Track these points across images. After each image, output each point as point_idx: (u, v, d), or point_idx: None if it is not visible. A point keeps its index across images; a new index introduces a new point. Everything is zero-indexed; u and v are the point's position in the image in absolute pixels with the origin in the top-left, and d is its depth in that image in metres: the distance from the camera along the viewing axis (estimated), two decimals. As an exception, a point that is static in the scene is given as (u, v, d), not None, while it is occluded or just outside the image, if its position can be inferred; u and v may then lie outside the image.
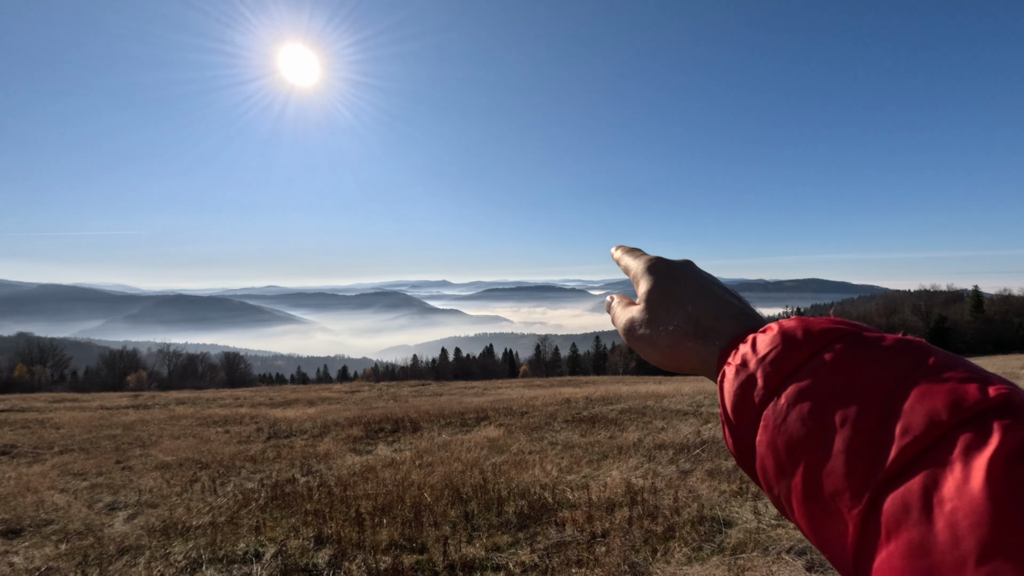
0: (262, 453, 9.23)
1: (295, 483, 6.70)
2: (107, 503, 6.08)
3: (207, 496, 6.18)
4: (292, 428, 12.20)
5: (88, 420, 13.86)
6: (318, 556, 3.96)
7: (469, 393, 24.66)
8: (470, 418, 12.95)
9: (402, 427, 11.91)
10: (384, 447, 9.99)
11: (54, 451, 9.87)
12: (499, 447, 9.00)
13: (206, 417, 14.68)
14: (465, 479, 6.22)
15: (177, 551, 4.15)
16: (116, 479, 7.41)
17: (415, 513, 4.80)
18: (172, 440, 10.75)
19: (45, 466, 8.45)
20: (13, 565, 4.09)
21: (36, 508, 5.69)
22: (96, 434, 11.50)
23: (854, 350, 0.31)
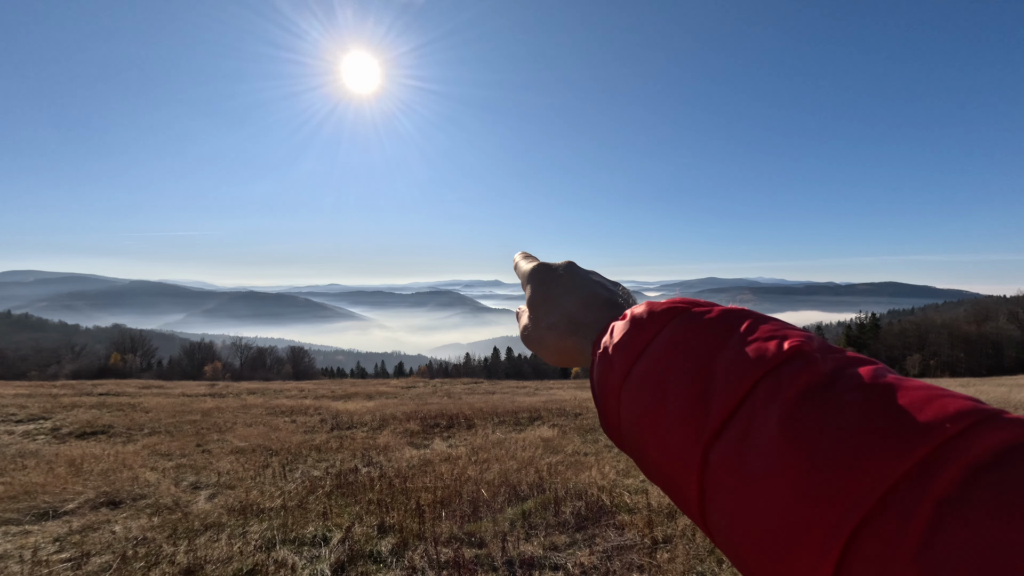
0: (326, 443, 9.66)
1: (357, 473, 6.96)
2: (191, 482, 6.57)
3: (278, 481, 6.55)
4: (353, 420, 12.70)
5: (172, 406, 15.04)
6: (381, 544, 4.09)
7: (521, 392, 24.75)
8: (523, 417, 12.98)
9: (457, 423, 12.12)
10: (440, 442, 10.20)
11: (144, 432, 10.78)
12: (553, 447, 8.96)
13: (274, 407, 15.55)
14: (521, 477, 6.24)
15: (253, 530, 4.42)
16: (197, 461, 8.00)
17: (473, 508, 4.87)
18: (245, 427, 11.46)
19: (137, 446, 9.25)
20: (115, 533, 4.50)
21: (131, 483, 6.24)
22: (179, 419, 12.45)
23: (683, 325, 0.35)
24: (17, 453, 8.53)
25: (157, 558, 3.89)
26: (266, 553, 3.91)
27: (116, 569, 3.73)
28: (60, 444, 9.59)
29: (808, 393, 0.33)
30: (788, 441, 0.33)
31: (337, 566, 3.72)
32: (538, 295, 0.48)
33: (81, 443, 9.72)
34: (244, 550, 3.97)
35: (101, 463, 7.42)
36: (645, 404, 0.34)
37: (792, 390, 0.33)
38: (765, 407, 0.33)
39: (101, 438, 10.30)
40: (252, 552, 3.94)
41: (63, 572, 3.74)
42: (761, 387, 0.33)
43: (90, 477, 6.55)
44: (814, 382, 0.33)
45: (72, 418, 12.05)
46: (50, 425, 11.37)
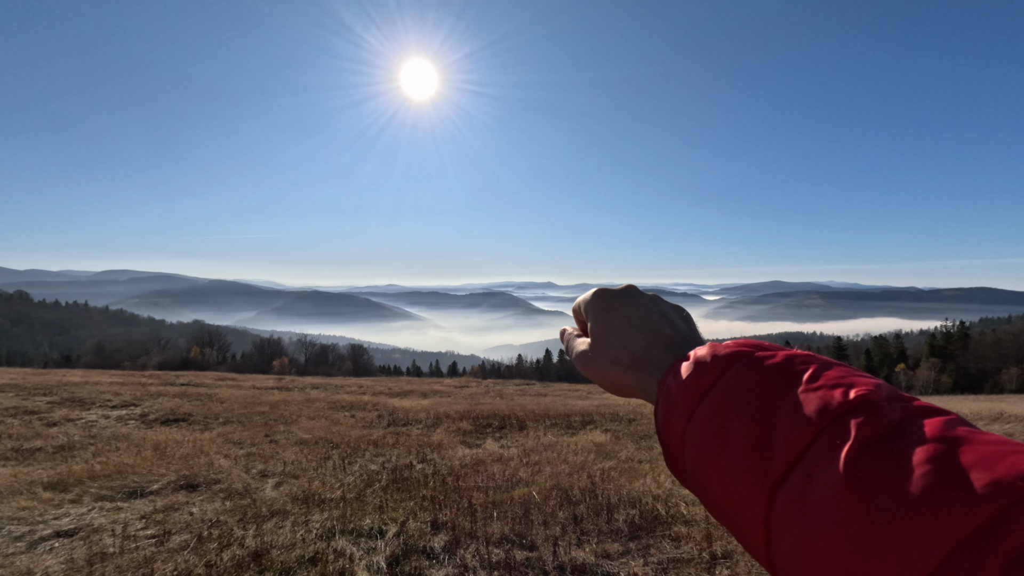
0: (383, 438, 9.98)
1: (412, 469, 7.13)
2: (259, 470, 6.98)
3: (338, 473, 6.82)
4: (408, 417, 13.04)
5: (243, 397, 16.05)
6: (434, 540, 4.16)
7: (573, 396, 24.53)
8: (575, 421, 12.85)
9: (508, 424, 12.17)
10: (492, 442, 10.27)
11: (219, 421, 11.57)
12: (606, 453, 8.80)
13: (335, 402, 16.25)
14: (573, 481, 6.17)
15: (315, 520, 4.63)
16: (265, 450, 8.48)
17: (524, 510, 4.86)
18: (308, 420, 12.04)
19: (212, 434, 9.94)
20: (192, 514, 4.85)
21: (207, 469, 6.70)
22: (249, 410, 13.27)
23: (746, 370, 0.35)
24: (111, 436, 9.40)
25: (229, 540, 4.15)
26: (326, 542, 4.07)
27: (193, 548, 4.02)
28: (147, 429, 10.48)
29: (873, 444, 0.34)
30: (852, 492, 0.34)
31: (392, 559, 3.81)
32: (600, 326, 0.47)
33: (165, 429, 10.57)
34: (306, 538, 4.16)
35: (182, 448, 8.03)
36: (708, 447, 0.35)
37: (857, 440, 0.34)
38: (829, 457, 0.34)
39: (182, 425, 11.15)
40: (313, 540, 4.12)
41: (148, 547, 4.06)
42: (825, 436, 0.34)
43: (172, 461, 7.10)
44: (880, 432, 0.34)
45: (158, 406, 13.13)
46: (139, 412, 12.44)
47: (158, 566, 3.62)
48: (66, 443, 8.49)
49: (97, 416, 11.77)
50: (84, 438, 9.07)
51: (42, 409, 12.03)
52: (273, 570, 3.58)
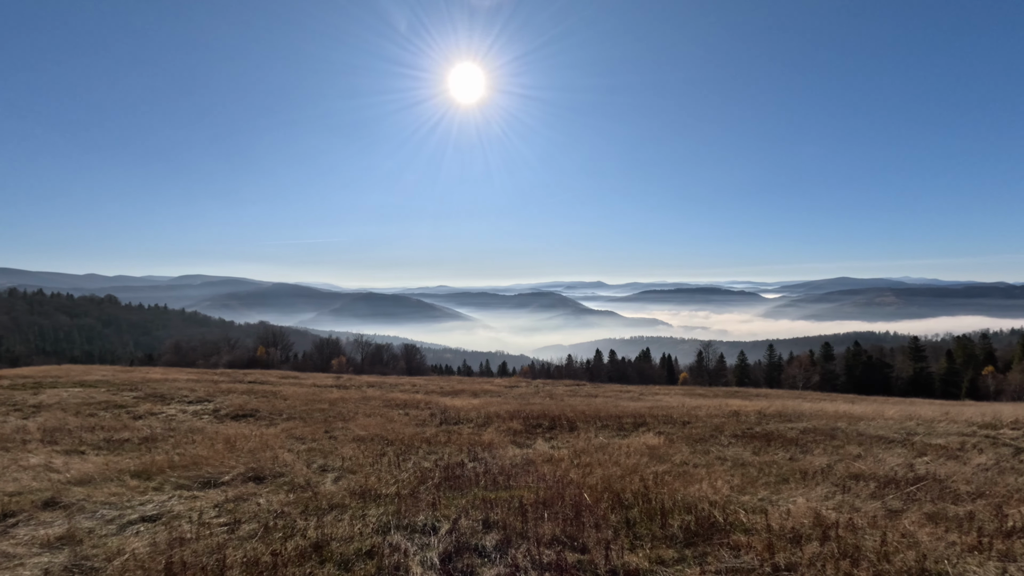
0: (435, 436, 10.18)
1: (464, 467, 7.24)
2: (319, 465, 7.30)
3: (393, 469, 7.03)
4: (460, 416, 13.25)
5: (304, 394, 16.84)
6: (486, 539, 4.20)
7: (624, 397, 24.07)
8: (627, 423, 12.61)
9: (559, 425, 12.11)
10: (542, 443, 10.25)
11: (283, 418, 12.20)
12: (659, 456, 8.58)
13: (390, 400, 16.74)
14: (625, 484, 6.06)
15: (371, 514, 4.79)
16: (325, 446, 8.86)
17: (575, 512, 4.82)
18: (365, 418, 12.47)
19: (277, 429, 10.49)
20: (259, 505, 5.15)
21: (272, 462, 7.08)
22: (310, 407, 13.90)
23: None
24: (188, 429, 10.11)
25: (292, 531, 4.37)
26: (382, 536, 4.20)
27: (260, 537, 4.26)
28: (219, 424, 11.20)
29: None
30: None
31: (445, 556, 3.88)
32: None
33: (235, 424, 11.26)
34: (363, 531, 4.31)
35: (249, 443, 8.52)
36: None
37: None
38: None
39: (250, 421, 11.84)
40: (370, 534, 4.27)
41: (221, 534, 4.34)
42: None
43: (241, 454, 7.55)
44: None
45: (228, 402, 14.01)
46: (212, 407, 13.32)
47: (229, 552, 3.86)
48: (149, 435, 9.22)
49: (176, 410, 12.71)
50: (165, 431, 9.82)
51: (129, 403, 13.12)
52: (333, 561, 3.73)
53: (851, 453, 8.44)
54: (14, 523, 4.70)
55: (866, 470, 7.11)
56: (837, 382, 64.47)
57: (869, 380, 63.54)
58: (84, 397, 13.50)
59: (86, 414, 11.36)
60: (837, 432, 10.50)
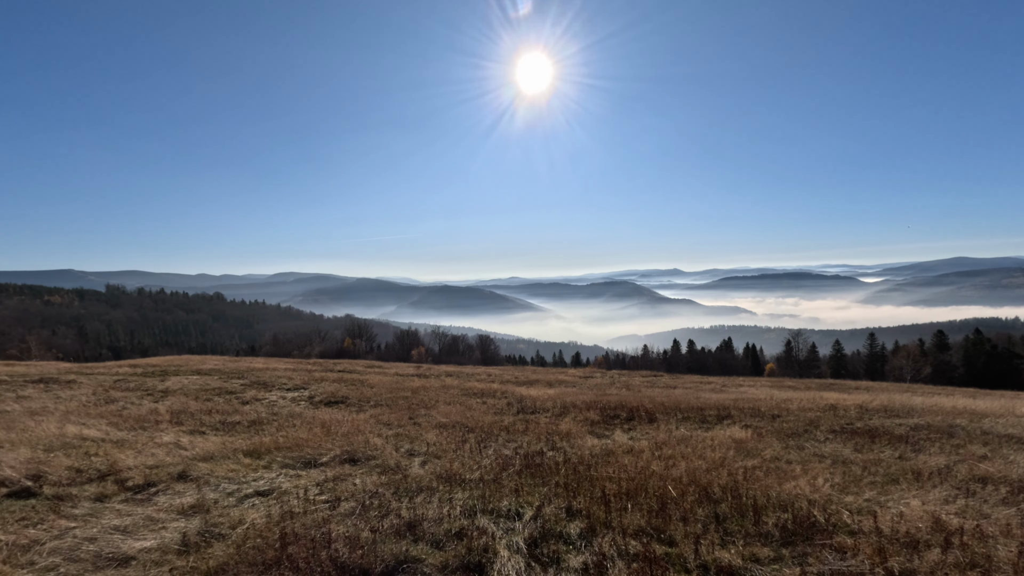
0: (513, 425, 10.36)
1: (543, 456, 7.30)
2: (406, 449, 7.69)
3: (474, 456, 7.25)
4: (536, 406, 13.37)
5: (388, 383, 17.77)
6: (570, 526, 4.23)
7: (706, 388, 23.11)
8: (710, 415, 12.11)
9: (637, 416, 11.87)
10: (621, 434, 10.10)
11: (370, 404, 12.95)
12: (747, 450, 8.17)
13: (468, 389, 17.23)
14: (712, 479, 5.83)
15: (458, 498, 4.98)
16: (410, 432, 9.31)
17: (660, 504, 4.71)
18: (445, 405, 12.94)
19: (365, 415, 11.16)
20: (355, 485, 5.52)
21: (364, 446, 7.55)
22: (394, 395, 14.64)
23: None
24: (288, 414, 11.02)
25: (387, 510, 4.65)
26: (469, 520, 4.36)
27: (359, 514, 4.57)
28: (315, 409, 12.10)
29: None
30: None
31: (530, 541, 3.96)
32: None
33: (328, 409, 12.12)
34: (451, 514, 4.49)
35: (343, 427, 9.14)
36: None
37: None
38: None
39: (341, 407, 12.69)
40: (458, 517, 4.44)
41: (324, 510, 4.71)
42: None
43: (336, 438, 8.12)
44: None
45: (321, 389, 15.10)
46: (307, 394, 14.42)
47: (333, 527, 4.18)
48: (256, 419, 10.17)
49: (276, 397, 13.90)
50: (269, 415, 10.78)
51: (237, 390, 14.53)
52: (426, 540, 3.93)
53: (975, 453, 7.55)
54: (155, 492, 5.39)
55: (994, 472, 6.33)
56: (953, 375, 57.59)
57: (993, 373, 56.10)
58: (201, 384, 15.14)
59: (203, 399, 12.73)
60: (956, 430, 9.43)
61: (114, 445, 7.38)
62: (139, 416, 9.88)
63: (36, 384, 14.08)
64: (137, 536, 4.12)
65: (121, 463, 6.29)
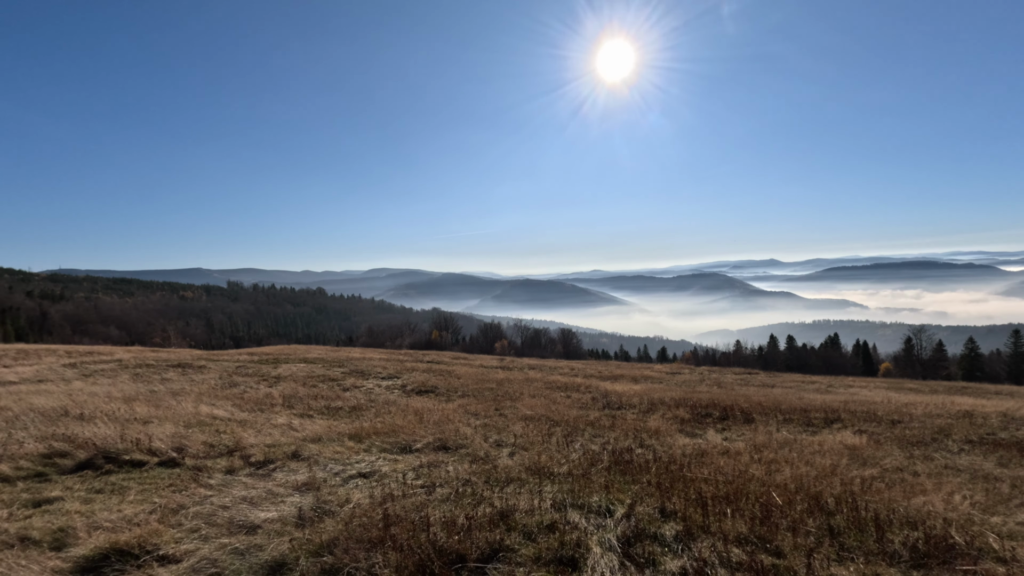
0: (599, 420, 10.21)
1: (632, 453, 7.12)
2: (494, 440, 7.85)
3: (562, 449, 7.23)
4: (622, 401, 13.08)
5: (474, 374, 18.26)
6: (664, 528, 4.08)
7: (809, 388, 21.31)
8: (816, 417, 11.14)
9: (731, 416, 11.21)
10: (714, 433, 9.60)
11: (458, 394, 13.39)
12: (863, 458, 7.41)
13: (551, 382, 17.26)
14: (823, 487, 5.35)
15: (547, 490, 4.99)
16: (497, 422, 9.50)
17: (764, 512, 4.40)
18: (530, 398, 13.05)
19: (454, 404, 11.55)
20: (448, 472, 5.73)
21: (454, 434, 7.81)
22: (480, 386, 15.02)
23: None
24: (384, 401, 11.70)
25: (479, 498, 4.77)
26: (560, 513, 4.35)
27: (453, 501, 4.74)
28: (407, 397, 12.74)
29: None
30: None
31: (623, 539, 3.87)
32: None
33: (419, 398, 12.71)
34: (542, 506, 4.51)
35: (433, 415, 9.53)
36: None
37: None
38: None
39: (431, 396, 13.25)
40: (548, 509, 4.45)
41: (420, 495, 4.94)
42: None
43: (428, 425, 8.49)
44: None
45: (412, 379, 15.86)
46: (400, 383, 15.21)
47: (430, 511, 4.36)
48: (356, 404, 10.90)
49: (373, 385, 14.81)
50: (366, 401, 11.51)
51: (338, 377, 15.68)
52: (518, 531, 3.98)
53: None
54: (273, 468, 5.96)
55: None
56: None
57: None
58: (308, 371, 16.52)
59: (310, 385, 13.88)
60: None
61: (238, 424, 8.27)
62: (257, 399, 10.99)
63: (175, 368, 16.15)
64: (261, 507, 4.57)
65: (244, 441, 7.03)
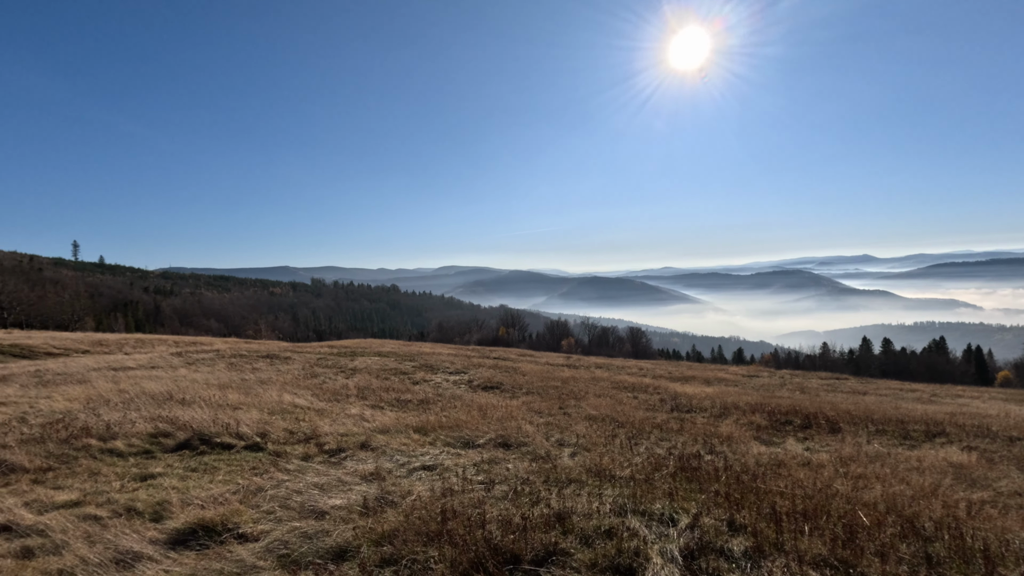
0: (666, 423, 9.85)
1: (700, 459, 6.79)
2: (556, 439, 7.79)
3: (625, 452, 7.04)
4: (692, 404, 12.53)
5: (539, 372, 18.26)
6: (732, 542, 3.84)
7: (908, 397, 19.33)
8: (915, 430, 10.07)
9: (815, 424, 10.40)
10: (794, 443, 8.96)
11: (522, 391, 13.44)
12: (972, 479, 6.60)
13: (618, 382, 16.89)
14: (919, 509, 4.82)
15: (607, 494, 4.87)
16: (560, 421, 9.42)
17: (848, 532, 4.02)
18: (595, 398, 12.84)
19: (518, 402, 11.60)
20: (508, 470, 5.76)
21: (516, 432, 7.84)
22: (545, 384, 14.99)
23: None
24: (451, 396, 11.98)
25: (537, 498, 4.75)
26: (619, 518, 4.23)
27: (511, 499, 4.75)
28: (473, 393, 12.97)
29: None
30: None
31: (686, 551, 3.69)
32: None
33: (484, 394, 12.89)
34: (601, 510, 4.40)
35: (497, 411, 9.63)
36: None
37: None
38: None
39: (495, 392, 13.40)
40: (607, 514, 4.34)
41: (479, 491, 4.99)
42: None
43: (491, 422, 8.58)
44: None
45: (478, 374, 16.13)
46: (467, 378, 15.52)
47: (487, 508, 4.40)
48: (424, 398, 11.25)
49: (440, 379, 15.23)
50: (434, 395, 11.85)
51: (409, 371, 16.27)
52: (574, 534, 3.91)
53: None
54: (344, 457, 6.28)
55: None
56: None
57: None
58: (381, 364, 17.28)
59: (382, 377, 14.51)
60: None
61: (316, 413, 8.80)
62: (334, 390, 11.65)
63: (264, 359, 17.50)
64: (330, 494, 4.83)
65: (320, 429, 7.46)
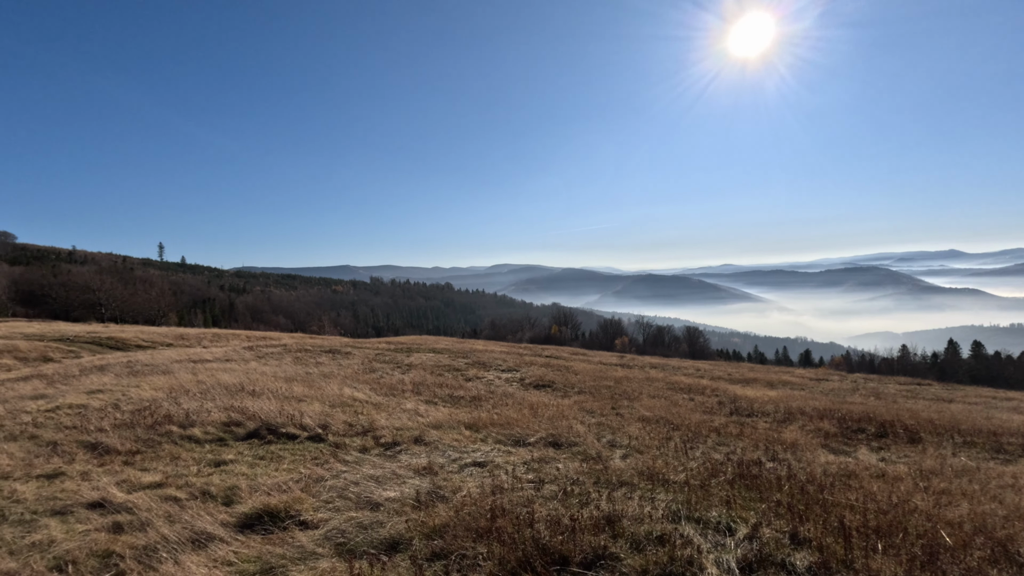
0: (725, 427, 9.46)
1: (761, 466, 6.47)
2: (608, 440, 7.67)
3: (680, 456, 6.83)
4: (753, 408, 11.97)
5: (592, 371, 18.03)
6: (795, 556, 3.64)
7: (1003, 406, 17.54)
8: (1010, 443, 9.15)
9: (891, 433, 9.67)
10: (867, 452, 8.36)
11: (574, 391, 13.33)
12: (1080, 500, 5.89)
13: (673, 383, 16.39)
14: (1014, 532, 4.36)
15: (660, 499, 4.74)
16: (612, 422, 9.27)
17: (928, 553, 3.70)
18: (649, 399, 12.54)
19: (569, 401, 11.52)
20: (559, 469, 5.73)
21: (567, 431, 7.79)
22: (598, 383, 14.78)
23: None
24: (502, 393, 12.07)
25: (587, 499, 4.69)
26: (672, 525, 4.10)
27: (560, 499, 4.72)
28: (524, 391, 13.00)
29: None
30: None
31: (744, 563, 3.53)
32: None
33: (536, 392, 12.89)
34: (653, 515, 4.29)
35: (548, 410, 9.60)
36: None
37: None
38: None
39: (547, 391, 13.36)
40: (660, 519, 4.22)
41: (528, 489, 5.00)
42: None
43: (542, 420, 8.57)
44: None
45: (530, 372, 16.15)
46: (519, 376, 15.58)
47: (536, 507, 4.40)
48: (476, 395, 11.40)
49: (493, 376, 15.37)
50: (486, 392, 11.98)
51: (462, 368, 16.53)
52: (624, 538, 3.83)
53: None
54: (399, 450, 6.48)
55: None
56: None
57: None
58: (435, 361, 17.68)
59: (436, 374, 14.83)
60: None
61: (373, 407, 9.13)
62: (391, 384, 12.03)
63: (327, 354, 18.34)
64: (385, 487, 5.00)
65: (377, 423, 7.74)
